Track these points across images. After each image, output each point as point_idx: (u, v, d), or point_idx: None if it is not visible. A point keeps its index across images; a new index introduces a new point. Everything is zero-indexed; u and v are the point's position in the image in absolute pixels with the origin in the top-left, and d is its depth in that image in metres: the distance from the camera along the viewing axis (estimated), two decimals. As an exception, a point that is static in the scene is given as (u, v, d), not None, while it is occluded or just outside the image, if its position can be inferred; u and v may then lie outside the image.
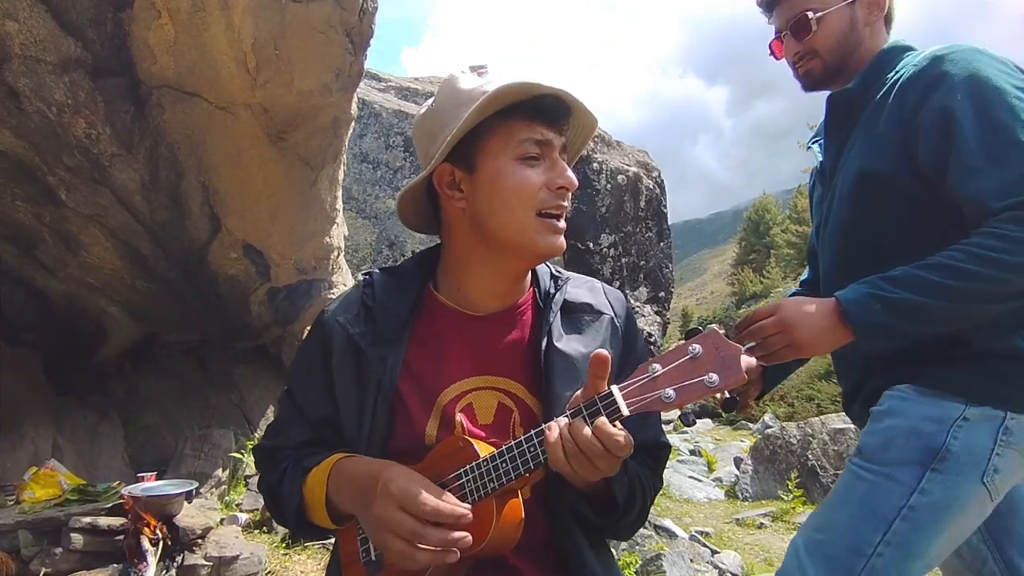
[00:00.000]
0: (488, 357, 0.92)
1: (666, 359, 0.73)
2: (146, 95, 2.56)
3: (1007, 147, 0.97)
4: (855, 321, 0.98)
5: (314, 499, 0.87)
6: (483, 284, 0.94)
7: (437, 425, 0.89)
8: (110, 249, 3.31)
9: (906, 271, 0.99)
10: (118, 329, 4.20)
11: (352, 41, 2.46)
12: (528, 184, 0.87)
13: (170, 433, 4.70)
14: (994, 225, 0.95)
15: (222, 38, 2.36)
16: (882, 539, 1.03)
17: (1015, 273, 0.94)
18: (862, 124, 1.18)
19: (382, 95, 9.14)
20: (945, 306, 0.97)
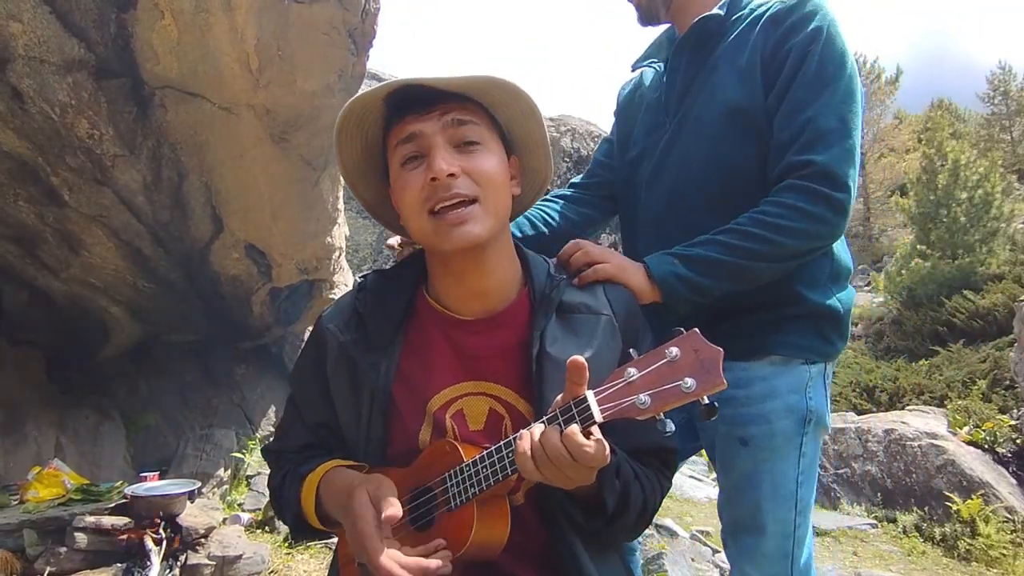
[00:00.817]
0: (478, 362, 0.90)
1: (643, 363, 0.70)
2: (149, 96, 2.57)
3: (826, 114, 1.05)
4: (657, 272, 1.02)
5: (307, 505, 0.89)
6: (455, 288, 0.93)
7: (430, 432, 0.88)
8: (112, 249, 3.32)
9: (707, 235, 1.06)
10: (120, 329, 4.21)
11: (355, 42, 2.47)
12: (409, 189, 0.86)
13: (172, 433, 4.71)
14: (776, 194, 1.05)
15: (225, 39, 2.37)
16: (796, 512, 1.13)
17: (790, 237, 1.02)
18: (725, 54, 1.14)
19: (382, 95, 9.14)
20: (736, 263, 1.03)
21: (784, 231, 1.01)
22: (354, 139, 0.93)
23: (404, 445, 0.88)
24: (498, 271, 0.92)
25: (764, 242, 1.02)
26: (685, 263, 1.02)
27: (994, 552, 3.85)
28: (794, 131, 1.04)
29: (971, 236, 10.93)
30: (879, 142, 21.54)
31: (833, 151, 1.03)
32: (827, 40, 1.06)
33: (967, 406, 6.10)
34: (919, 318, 10.47)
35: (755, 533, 1.14)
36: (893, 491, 4.85)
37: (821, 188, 1.01)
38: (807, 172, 1.02)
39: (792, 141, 1.04)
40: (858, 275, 18.50)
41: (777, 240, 1.02)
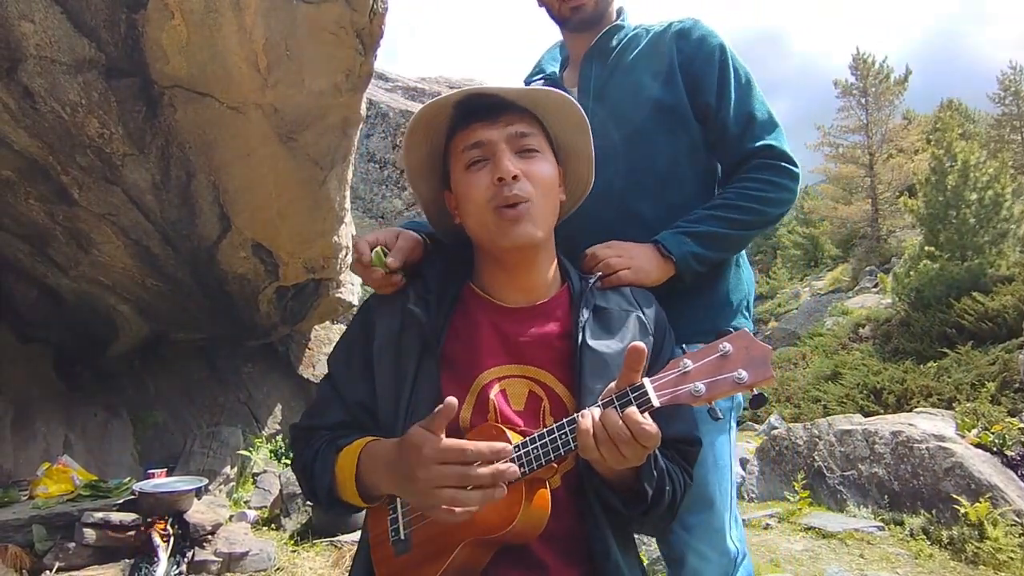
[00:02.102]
0: (520, 347, 0.96)
1: (697, 356, 0.77)
2: (158, 95, 2.58)
3: (760, 109, 1.26)
4: (676, 252, 1.15)
5: (344, 477, 0.90)
6: (504, 281, 1.00)
7: (472, 410, 0.92)
8: (121, 248, 3.34)
9: (699, 212, 1.22)
10: (128, 327, 4.24)
11: (362, 42, 2.47)
12: (476, 188, 0.94)
13: (179, 430, 4.75)
14: (752, 172, 1.23)
15: (234, 39, 2.37)
16: (731, 484, 1.23)
17: (771, 206, 1.23)
18: (640, 60, 1.30)
19: (389, 95, 9.17)
20: (737, 234, 1.22)
21: (769, 202, 1.22)
22: (421, 142, 1.00)
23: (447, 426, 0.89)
24: (544, 268, 1.01)
25: (755, 213, 1.21)
26: (697, 240, 1.17)
27: (1002, 556, 3.82)
28: (742, 125, 1.25)
29: (980, 237, 10.86)
30: (888, 142, 21.40)
31: (777, 135, 1.25)
32: (731, 53, 1.28)
33: (975, 408, 6.06)
34: (927, 320, 10.40)
35: (705, 508, 1.19)
36: (900, 493, 4.82)
37: (786, 164, 1.24)
38: (770, 153, 1.23)
39: (743, 133, 1.25)
40: (866, 276, 18.40)
41: (765, 210, 1.22)
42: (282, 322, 4.57)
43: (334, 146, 2.99)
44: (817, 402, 10.22)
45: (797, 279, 24.30)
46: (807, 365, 12.43)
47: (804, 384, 11.41)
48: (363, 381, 0.98)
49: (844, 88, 22.04)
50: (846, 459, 5.47)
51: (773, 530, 4.91)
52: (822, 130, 22.71)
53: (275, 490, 3.87)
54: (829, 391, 10.22)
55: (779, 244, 28.71)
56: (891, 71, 21.40)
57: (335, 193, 3.32)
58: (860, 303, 15.64)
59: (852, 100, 21.94)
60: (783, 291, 22.43)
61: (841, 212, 21.82)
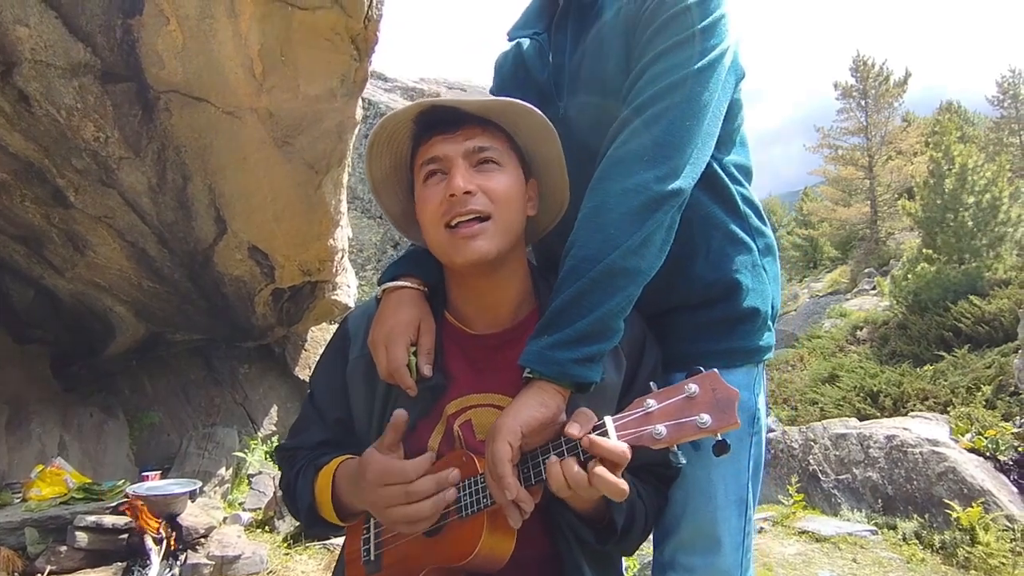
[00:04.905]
0: (489, 375, 0.94)
1: (662, 395, 0.75)
2: (154, 99, 2.59)
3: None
4: (553, 376, 0.84)
5: (322, 496, 0.92)
6: (469, 301, 0.97)
7: (440, 438, 0.93)
8: (117, 250, 3.35)
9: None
10: (124, 328, 4.25)
11: (357, 48, 2.48)
12: (428, 202, 0.91)
13: (175, 431, 4.76)
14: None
15: (229, 44, 2.38)
16: (745, 520, 1.05)
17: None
18: (605, 17, 1.04)
19: (388, 95, 9.17)
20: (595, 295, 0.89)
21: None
22: (383, 155, 0.97)
23: (413, 448, 0.90)
24: (509, 287, 0.96)
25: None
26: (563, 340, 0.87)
27: (993, 560, 3.84)
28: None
29: (978, 241, 10.88)
30: (887, 144, 21.42)
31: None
32: (690, 15, 0.97)
33: (969, 413, 6.08)
34: (925, 323, 10.42)
35: (712, 550, 1.04)
36: (894, 498, 4.84)
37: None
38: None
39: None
40: (864, 278, 18.42)
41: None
42: (278, 323, 4.57)
43: (329, 150, 3.00)
44: (814, 404, 10.23)
45: (796, 281, 24.32)
46: (805, 367, 12.45)
47: (801, 386, 11.43)
48: (342, 399, 0.99)
49: (844, 90, 22.06)
50: (840, 463, 5.49)
51: (767, 534, 4.93)
52: (822, 132, 22.73)
53: (270, 492, 3.89)
54: (826, 394, 10.23)
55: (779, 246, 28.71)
56: (891, 73, 21.43)
57: (331, 196, 3.33)
58: (858, 305, 15.67)
59: (852, 102, 21.96)
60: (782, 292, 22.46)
61: (840, 214, 21.85)
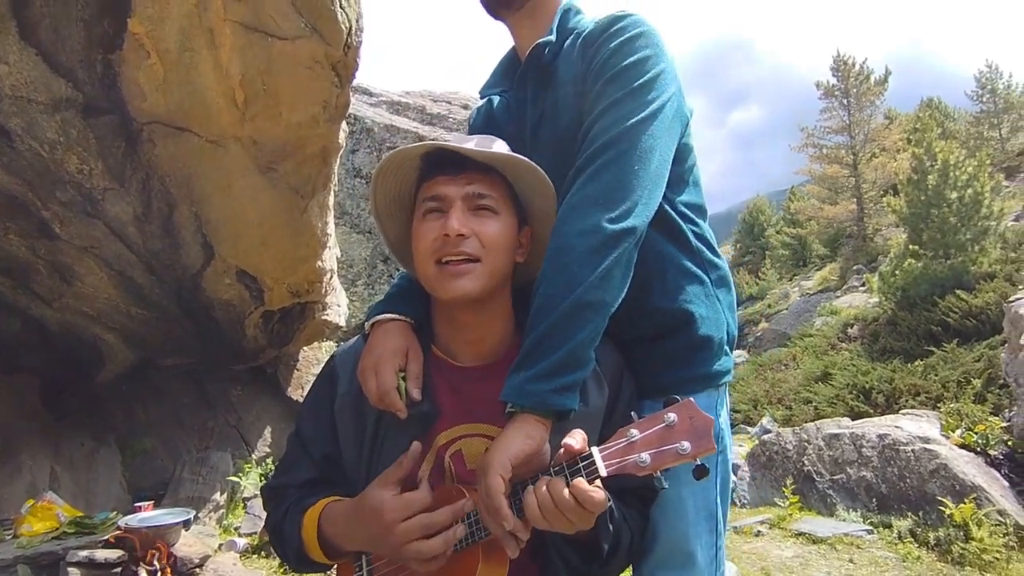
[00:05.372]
0: (475, 405, 0.98)
1: (644, 425, 0.80)
2: (137, 131, 2.60)
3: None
4: (534, 408, 0.88)
5: (310, 538, 0.93)
6: (455, 336, 1.02)
7: (430, 469, 0.95)
8: (104, 279, 3.34)
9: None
10: (114, 355, 4.23)
11: (338, 75, 2.51)
12: (423, 237, 0.96)
13: (168, 456, 4.72)
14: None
15: (211, 75, 2.40)
16: (716, 535, 1.11)
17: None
18: (560, 77, 1.13)
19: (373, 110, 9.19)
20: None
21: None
22: (389, 185, 1.03)
23: (407, 481, 0.92)
24: (492, 324, 1.01)
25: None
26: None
27: (987, 556, 3.88)
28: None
29: (962, 235, 11.02)
30: (871, 142, 21.67)
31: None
32: (634, 60, 1.06)
33: (959, 409, 6.14)
34: (914, 318, 10.53)
35: (687, 565, 1.08)
36: (888, 496, 4.88)
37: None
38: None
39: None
40: (853, 275, 18.58)
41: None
42: (269, 345, 4.57)
43: (314, 174, 3.02)
44: (808, 403, 10.29)
45: (786, 279, 24.47)
46: (798, 366, 12.52)
47: (795, 385, 11.49)
48: (330, 435, 1.01)
49: (826, 90, 22.31)
50: (835, 463, 5.53)
51: (764, 537, 4.95)
52: (806, 131, 22.96)
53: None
54: (820, 392, 10.30)
55: (768, 245, 28.92)
56: (871, 72, 21.70)
57: (317, 219, 3.34)
58: (848, 302, 15.79)
59: (834, 101, 22.20)
60: (772, 292, 22.59)
61: (827, 212, 22.04)
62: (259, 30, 2.29)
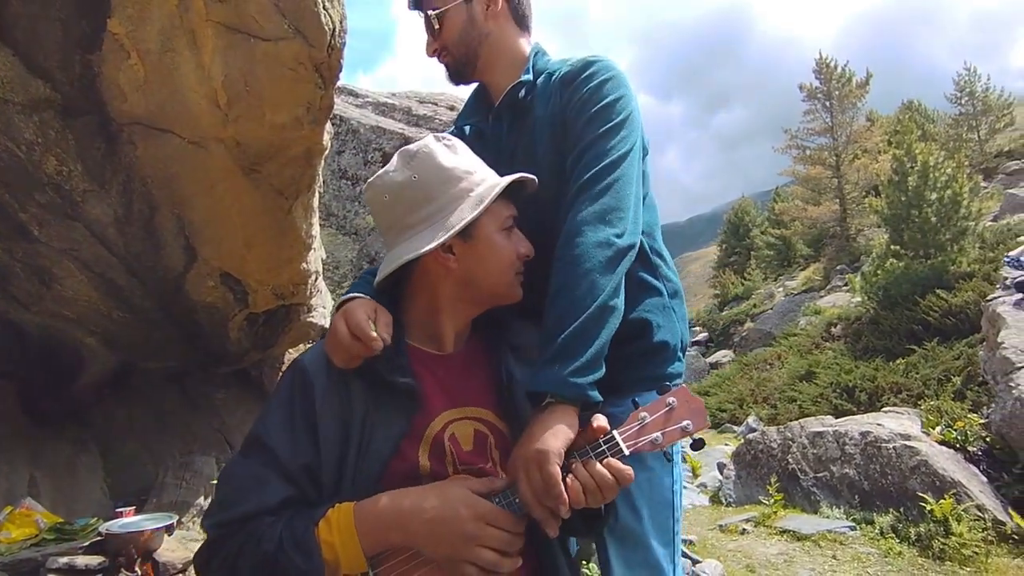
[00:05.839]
0: (460, 390, 1.04)
1: (651, 409, 0.94)
2: (117, 132, 2.57)
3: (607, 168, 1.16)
4: (576, 399, 0.98)
5: (343, 547, 0.85)
6: (455, 327, 1.09)
7: (428, 454, 0.97)
8: (85, 282, 3.30)
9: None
10: (96, 359, 4.17)
11: (322, 76, 2.49)
12: (511, 252, 1.08)
13: (151, 461, 4.66)
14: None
15: (192, 76, 2.38)
16: (674, 521, 1.22)
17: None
18: (536, 112, 1.26)
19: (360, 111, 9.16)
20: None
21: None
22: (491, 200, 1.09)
23: (402, 471, 0.95)
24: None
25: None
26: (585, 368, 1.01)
27: (967, 551, 3.95)
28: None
29: (942, 235, 11.21)
30: (853, 143, 21.96)
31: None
32: (612, 100, 1.22)
33: (939, 406, 6.25)
34: (895, 317, 10.68)
35: (642, 548, 1.17)
36: (870, 493, 4.95)
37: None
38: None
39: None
40: (836, 275, 18.82)
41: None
42: (254, 348, 4.53)
43: (298, 176, 3.01)
44: (793, 402, 10.40)
45: (771, 279, 24.73)
46: (782, 365, 12.65)
47: (780, 384, 11.61)
48: (310, 441, 0.93)
49: (809, 92, 22.58)
50: (818, 461, 5.60)
51: (749, 535, 5.00)
52: (789, 133, 23.22)
53: (251, 519, 3.82)
54: (804, 391, 10.41)
55: (753, 245, 29.20)
56: (853, 74, 22.00)
57: (301, 221, 3.32)
58: (832, 302, 15.98)
59: (817, 103, 22.48)
60: (758, 292, 22.81)
61: (811, 213, 22.29)
62: (241, 31, 2.28)
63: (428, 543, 0.88)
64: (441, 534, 0.87)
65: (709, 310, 24.43)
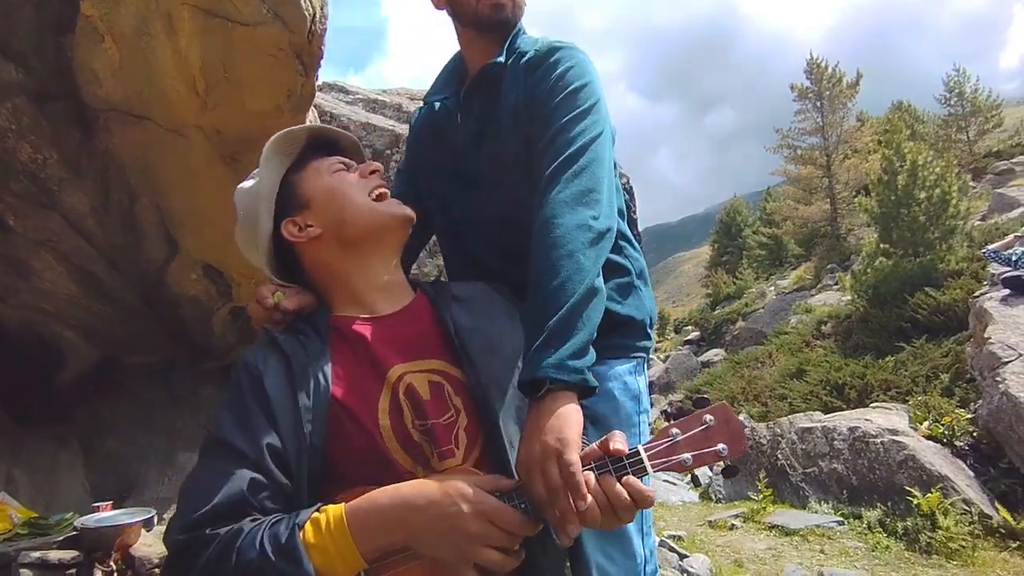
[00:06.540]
0: (406, 345, 1.01)
1: (684, 425, 0.85)
2: (93, 119, 2.53)
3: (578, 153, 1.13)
4: (577, 384, 0.92)
5: (336, 550, 0.77)
6: (376, 284, 1.06)
7: (388, 403, 0.94)
8: (63, 274, 3.24)
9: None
10: (77, 354, 4.10)
11: (302, 62, 2.46)
12: (349, 179, 1.08)
13: (135, 457, 4.59)
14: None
15: (169, 61, 2.34)
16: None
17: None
18: (504, 96, 1.24)
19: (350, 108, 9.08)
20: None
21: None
22: (274, 155, 1.12)
23: (366, 411, 0.92)
24: (398, 271, 1.11)
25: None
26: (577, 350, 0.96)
27: (953, 544, 3.95)
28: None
29: (931, 234, 11.26)
30: (843, 143, 22.08)
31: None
32: (577, 87, 1.20)
33: (927, 401, 6.26)
34: (885, 315, 10.71)
35: (621, 536, 1.16)
36: (858, 488, 4.96)
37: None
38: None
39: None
40: (827, 274, 18.90)
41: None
42: (239, 343, 4.47)
43: (280, 166, 2.97)
44: (784, 400, 10.41)
45: (763, 279, 24.82)
46: (773, 364, 12.68)
47: (771, 382, 11.62)
48: (268, 426, 0.87)
49: (800, 92, 22.69)
50: (807, 456, 5.61)
51: (738, 530, 5.00)
52: (780, 133, 23.32)
53: (234, 516, 3.77)
54: (794, 388, 10.42)
55: (745, 245, 29.31)
56: (843, 75, 22.12)
57: (285, 212, 3.28)
58: (823, 300, 16.05)
59: (808, 103, 22.59)
60: (749, 291, 22.88)
61: (802, 212, 22.39)
62: (219, 15, 2.24)
63: (429, 542, 0.80)
64: (442, 531, 0.79)
65: (701, 309, 24.49)
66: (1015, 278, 5.98)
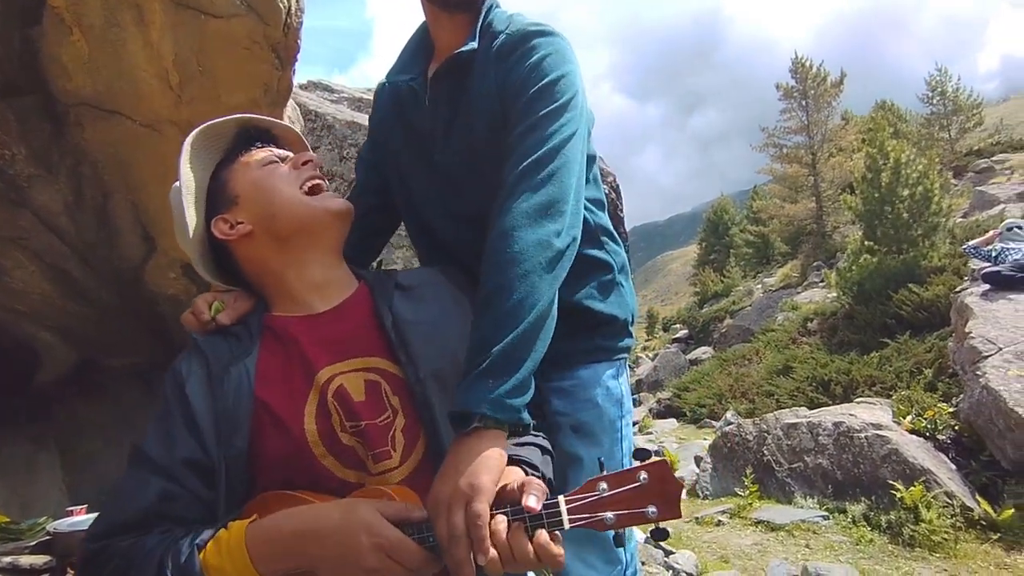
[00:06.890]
0: (339, 345, 0.97)
1: (615, 480, 0.77)
2: (63, 113, 2.48)
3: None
4: (511, 422, 0.87)
5: (238, 574, 0.77)
6: (311, 280, 1.02)
7: (315, 419, 0.90)
8: (36, 273, 3.17)
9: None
10: (53, 355, 4.02)
11: (279, 56, 2.42)
12: (278, 171, 1.04)
13: (114, 459, 4.51)
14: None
15: (141, 55, 2.29)
16: None
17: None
18: (475, 83, 1.16)
19: (335, 106, 9.01)
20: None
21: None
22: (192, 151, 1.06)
23: (285, 443, 0.88)
24: (338, 267, 1.06)
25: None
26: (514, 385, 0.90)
27: (936, 537, 3.99)
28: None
29: (914, 231, 11.39)
30: (828, 142, 22.29)
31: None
32: (553, 77, 1.15)
33: (910, 396, 6.33)
34: (869, 312, 10.83)
35: (599, 541, 1.14)
36: (843, 482, 4.99)
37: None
38: None
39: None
40: (813, 272, 19.08)
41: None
42: (221, 343, 4.42)
43: (258, 162, 2.92)
44: (770, 396, 10.49)
45: (750, 277, 25.00)
46: (760, 361, 12.77)
47: (758, 379, 11.71)
48: (189, 436, 0.87)
49: (786, 91, 22.87)
50: (793, 452, 5.64)
51: (725, 526, 5.01)
52: (766, 132, 23.49)
53: (216, 518, 3.72)
54: (781, 385, 10.51)
55: (732, 243, 29.50)
56: (828, 74, 22.33)
57: (264, 209, 3.24)
58: (809, 298, 16.20)
59: (793, 102, 22.78)
60: (737, 289, 23.03)
61: (788, 211, 22.58)
62: (191, 7, 2.20)
63: (328, 570, 0.77)
64: (340, 562, 0.76)
65: (689, 307, 24.61)
66: (995, 273, 6.05)
